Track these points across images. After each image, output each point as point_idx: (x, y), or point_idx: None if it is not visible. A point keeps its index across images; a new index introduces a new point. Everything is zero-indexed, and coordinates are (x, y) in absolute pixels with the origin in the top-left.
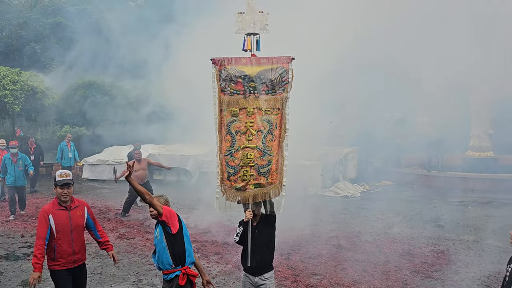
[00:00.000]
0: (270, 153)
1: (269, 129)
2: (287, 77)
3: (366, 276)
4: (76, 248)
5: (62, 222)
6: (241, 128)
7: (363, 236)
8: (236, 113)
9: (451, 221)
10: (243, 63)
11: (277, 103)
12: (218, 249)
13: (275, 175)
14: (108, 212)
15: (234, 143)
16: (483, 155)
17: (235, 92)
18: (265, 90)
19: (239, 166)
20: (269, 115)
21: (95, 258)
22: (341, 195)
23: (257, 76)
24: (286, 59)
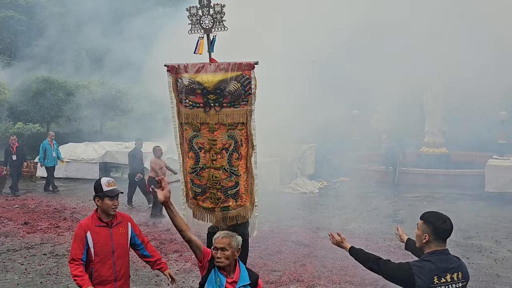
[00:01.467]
0: (237, 173)
1: (234, 146)
2: (249, 87)
3: (325, 272)
4: (119, 274)
5: (102, 241)
6: (204, 145)
7: (322, 232)
8: (197, 128)
9: (407, 216)
10: (201, 71)
11: (240, 117)
12: (177, 247)
13: (244, 197)
14: (64, 211)
15: (199, 160)
16: (437, 151)
17: (195, 105)
18: (226, 103)
19: (206, 187)
20: (233, 130)
21: (51, 258)
22: (300, 191)
23: (217, 88)
24: (248, 65)
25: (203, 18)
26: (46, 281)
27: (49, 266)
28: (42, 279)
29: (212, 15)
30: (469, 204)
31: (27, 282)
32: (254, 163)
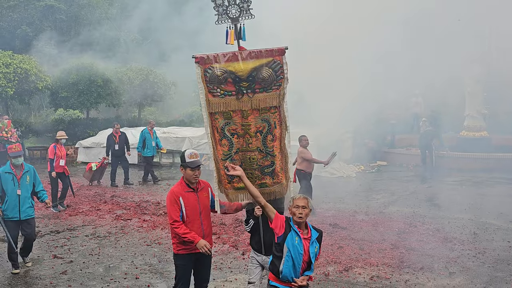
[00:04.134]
0: (273, 154)
1: (268, 129)
2: (281, 71)
3: (363, 254)
4: (206, 231)
5: (191, 204)
6: (237, 130)
7: (359, 216)
8: (229, 116)
9: (446, 200)
10: (232, 60)
11: (273, 100)
12: (215, 229)
13: (280, 175)
14: (104, 195)
15: (232, 146)
16: (477, 135)
17: (226, 94)
18: (259, 89)
19: (242, 169)
20: (266, 114)
21: (92, 239)
22: (337, 175)
23: (249, 75)
24: (279, 51)
25: (229, 8)
26: (88, 261)
27: (91, 247)
28: (85, 259)
29: (239, 4)
30: (510, 188)
31: (70, 262)
32: (287, 143)
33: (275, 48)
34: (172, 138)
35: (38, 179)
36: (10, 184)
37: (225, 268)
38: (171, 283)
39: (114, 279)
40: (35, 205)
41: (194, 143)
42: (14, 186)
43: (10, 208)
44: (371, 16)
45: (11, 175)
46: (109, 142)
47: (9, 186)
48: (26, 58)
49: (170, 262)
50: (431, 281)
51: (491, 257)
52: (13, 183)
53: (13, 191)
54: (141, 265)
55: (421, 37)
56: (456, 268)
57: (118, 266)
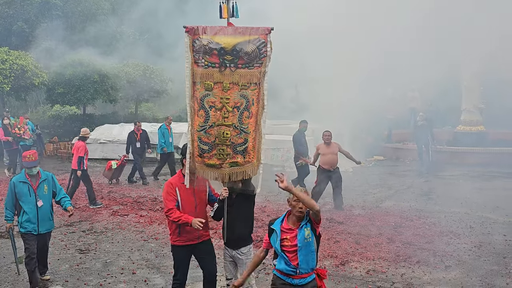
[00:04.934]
0: (247, 131)
1: (246, 105)
2: (265, 50)
3: (359, 249)
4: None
5: (187, 196)
6: (216, 104)
7: (356, 210)
8: (210, 87)
9: (443, 194)
10: (219, 33)
11: (254, 77)
12: (212, 224)
13: (252, 153)
14: (101, 190)
15: (208, 118)
16: (474, 129)
17: (210, 65)
18: (242, 64)
19: (214, 144)
20: (245, 90)
21: (89, 235)
22: None
23: (234, 49)
24: (265, 30)
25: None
26: (85, 256)
27: (88, 243)
28: (81, 255)
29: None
30: (507, 182)
31: (67, 257)
32: (263, 123)
33: (261, 27)
34: None
35: (58, 187)
36: (26, 194)
37: (221, 262)
38: (168, 278)
39: (111, 274)
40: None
41: None
42: (30, 197)
43: (28, 221)
44: (372, 13)
45: (26, 184)
46: (130, 139)
47: (25, 197)
48: (22, 54)
49: (167, 257)
50: (427, 274)
51: (487, 251)
52: (29, 194)
53: (31, 203)
54: (138, 260)
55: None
56: (452, 261)
57: (115, 262)
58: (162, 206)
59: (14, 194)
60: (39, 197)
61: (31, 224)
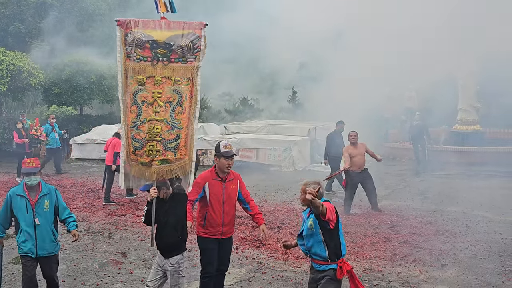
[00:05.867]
0: (179, 126)
1: (179, 100)
2: (199, 44)
3: (356, 248)
4: (226, 220)
5: (216, 192)
6: (148, 99)
7: (352, 209)
8: (142, 82)
9: (439, 193)
10: (152, 27)
11: (187, 72)
12: None
13: (184, 150)
14: (98, 191)
15: (140, 114)
16: (470, 128)
17: (142, 59)
18: (175, 58)
19: (145, 140)
20: (178, 85)
21: (86, 235)
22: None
23: (167, 42)
24: (199, 24)
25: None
26: (82, 256)
27: (85, 243)
28: (78, 255)
29: None
30: (503, 181)
31: (64, 257)
32: (196, 119)
33: (195, 22)
34: None
35: (62, 204)
36: (22, 210)
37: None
38: None
39: (108, 274)
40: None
41: None
42: (27, 213)
43: (26, 241)
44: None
45: (23, 199)
46: None
47: (22, 213)
48: (18, 55)
49: None
50: (423, 273)
51: (483, 249)
52: (26, 210)
53: (28, 220)
54: (135, 260)
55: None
56: (448, 260)
57: (112, 261)
58: None
59: (9, 208)
60: (37, 215)
61: (28, 245)
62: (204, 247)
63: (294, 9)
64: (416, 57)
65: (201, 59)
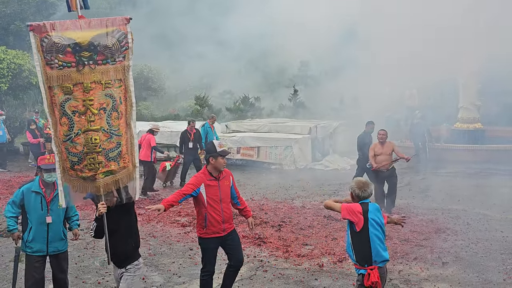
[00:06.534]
0: (118, 133)
1: (113, 105)
2: (126, 41)
3: None
4: (226, 217)
5: (213, 192)
6: (78, 108)
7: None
8: (69, 90)
9: (440, 191)
10: (71, 28)
11: (118, 73)
12: None
13: (127, 157)
14: None
15: (73, 125)
16: (471, 127)
17: (65, 65)
18: (102, 60)
19: (83, 153)
20: (110, 88)
21: (87, 233)
22: (331, 168)
23: (90, 43)
24: (123, 20)
25: None
26: (83, 254)
27: (86, 241)
28: (80, 253)
29: None
30: (504, 180)
31: None
32: (133, 122)
33: (118, 18)
34: (167, 133)
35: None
36: (37, 207)
37: (219, 260)
38: (166, 275)
39: (109, 272)
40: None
41: None
42: (42, 210)
43: (35, 240)
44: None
45: (39, 196)
46: (184, 139)
47: (35, 210)
48: (19, 54)
49: (165, 255)
50: (424, 271)
51: (484, 247)
52: (40, 207)
53: (41, 217)
54: None
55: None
56: (449, 258)
57: None
58: None
59: (20, 205)
60: (51, 212)
61: (37, 244)
62: (205, 247)
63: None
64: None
65: (130, 58)
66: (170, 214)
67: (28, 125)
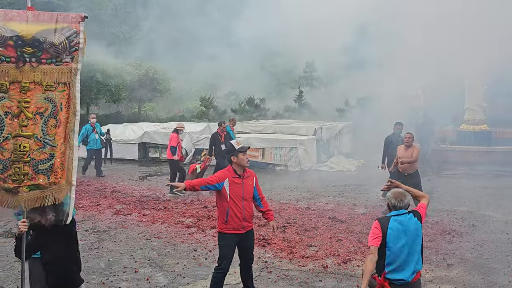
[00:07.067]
0: (53, 143)
1: (52, 111)
2: (77, 41)
3: (362, 247)
4: (247, 215)
5: (236, 189)
6: (12, 109)
7: (358, 209)
8: (5, 88)
9: (445, 193)
10: (15, 19)
11: (63, 76)
12: (214, 223)
13: (60, 172)
14: (105, 190)
15: (3, 128)
16: (477, 128)
17: (4, 59)
18: (46, 59)
19: (9, 161)
20: (51, 92)
21: (92, 234)
22: (336, 169)
23: (35, 39)
24: (76, 17)
25: None
26: (88, 255)
27: (90, 242)
28: (84, 254)
29: None
30: (510, 181)
31: None
32: (74, 133)
33: (72, 14)
34: None
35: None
36: None
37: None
38: (170, 276)
39: (113, 273)
40: None
41: (194, 138)
42: None
43: None
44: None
45: None
46: (215, 141)
47: None
48: None
49: (170, 255)
50: (429, 272)
51: (489, 249)
52: None
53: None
54: (141, 259)
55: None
56: (454, 259)
57: (118, 260)
58: (165, 205)
59: None
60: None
61: None
62: (223, 243)
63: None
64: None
65: (79, 60)
66: (174, 215)
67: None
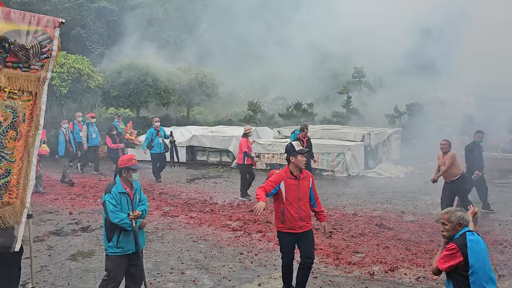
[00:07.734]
0: (11, 158)
1: (13, 121)
2: (50, 48)
3: (409, 255)
4: (303, 215)
5: (291, 190)
6: None
7: (406, 216)
8: None
9: (497, 202)
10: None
11: (30, 84)
12: (260, 227)
13: (15, 191)
14: (152, 192)
15: None
16: None
17: None
18: (12, 62)
19: None
20: (14, 100)
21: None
22: (384, 176)
23: (3, 39)
24: (52, 21)
25: None
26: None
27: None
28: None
29: None
30: None
31: None
32: (35, 148)
33: (48, 17)
34: (220, 137)
35: (143, 196)
36: (125, 207)
37: (269, 265)
38: (216, 279)
39: (160, 274)
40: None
41: None
42: (128, 209)
43: (124, 239)
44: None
45: (125, 195)
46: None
47: (124, 210)
48: (79, 58)
49: (216, 258)
50: None
51: None
52: (127, 207)
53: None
54: (187, 261)
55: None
56: (506, 271)
57: (165, 261)
58: (212, 208)
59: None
60: (135, 209)
61: (128, 244)
62: (282, 241)
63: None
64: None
65: (50, 68)
66: (221, 218)
67: (109, 131)
